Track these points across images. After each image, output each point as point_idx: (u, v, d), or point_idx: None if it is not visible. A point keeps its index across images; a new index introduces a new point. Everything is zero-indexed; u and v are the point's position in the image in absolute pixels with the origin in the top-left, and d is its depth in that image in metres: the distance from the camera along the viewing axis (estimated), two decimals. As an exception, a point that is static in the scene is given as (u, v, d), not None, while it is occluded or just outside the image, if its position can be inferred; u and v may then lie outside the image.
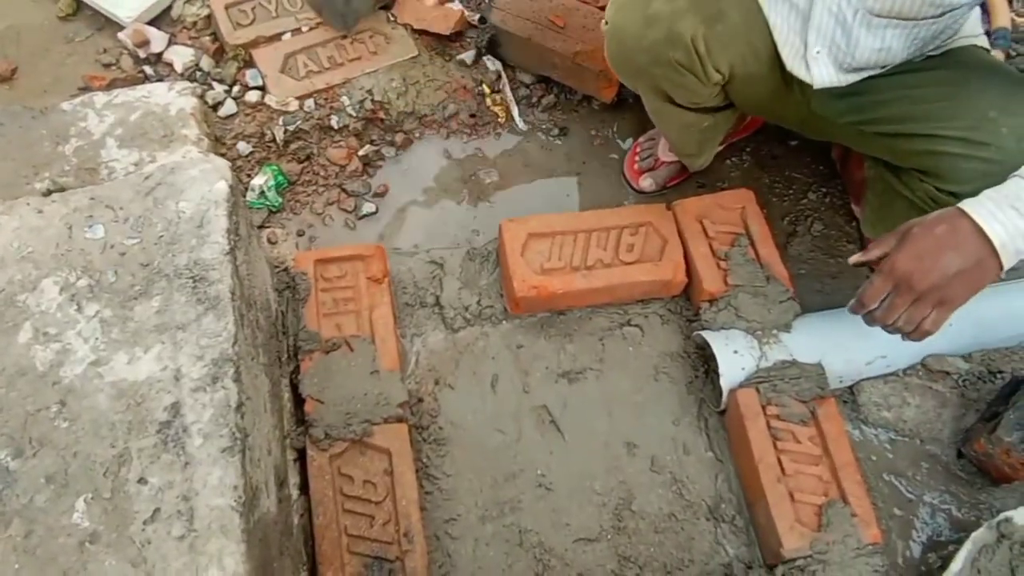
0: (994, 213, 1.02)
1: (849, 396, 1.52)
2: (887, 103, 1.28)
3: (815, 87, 1.29)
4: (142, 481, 0.95)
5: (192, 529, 0.93)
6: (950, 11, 1.16)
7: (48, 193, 1.22)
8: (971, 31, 1.30)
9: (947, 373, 1.51)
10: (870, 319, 1.14)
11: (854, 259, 1.23)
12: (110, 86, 1.77)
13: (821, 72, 1.27)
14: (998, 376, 1.51)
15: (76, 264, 1.10)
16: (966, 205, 1.04)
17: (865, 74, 1.28)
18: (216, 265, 1.11)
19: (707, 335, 1.47)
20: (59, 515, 0.93)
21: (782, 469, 1.35)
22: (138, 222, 1.14)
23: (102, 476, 0.96)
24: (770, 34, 1.30)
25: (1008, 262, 1.04)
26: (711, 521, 1.41)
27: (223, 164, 1.22)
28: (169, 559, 0.91)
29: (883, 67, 1.27)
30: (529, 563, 1.36)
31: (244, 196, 1.64)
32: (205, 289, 1.09)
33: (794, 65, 1.30)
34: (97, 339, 1.04)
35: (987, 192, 1.05)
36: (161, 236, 1.12)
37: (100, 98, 1.47)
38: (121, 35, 1.85)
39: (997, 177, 1.15)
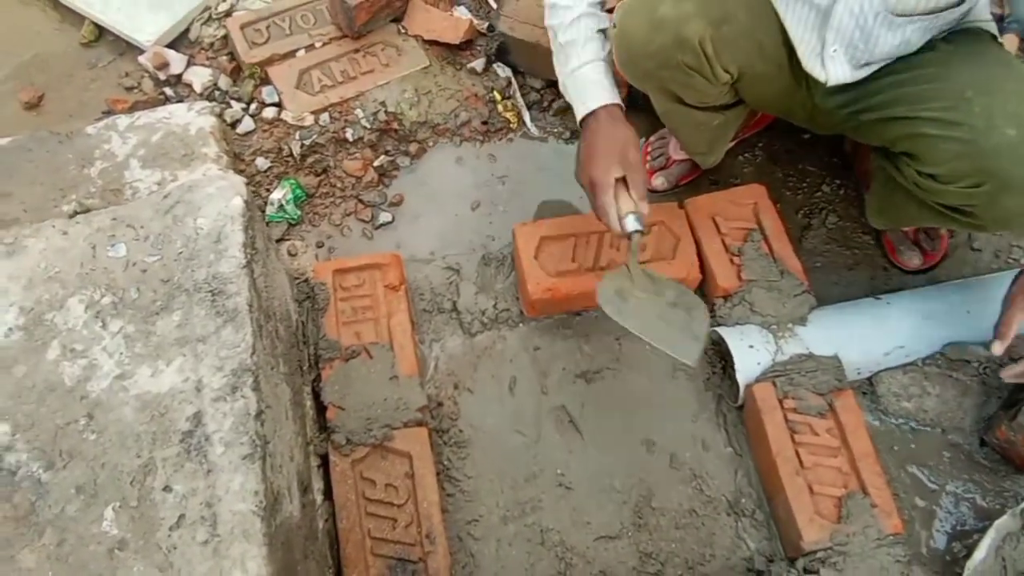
0: None
1: (868, 387, 1.51)
2: (879, 91, 1.29)
3: (828, 84, 1.29)
4: (167, 489, 0.98)
5: (216, 534, 0.95)
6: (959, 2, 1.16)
7: (74, 215, 1.26)
8: (977, 15, 1.29)
9: (967, 361, 1.49)
10: None
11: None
12: (132, 109, 1.82)
13: (836, 70, 1.27)
14: (1019, 363, 1.50)
15: (100, 282, 1.13)
16: None
17: (876, 67, 1.27)
18: (233, 279, 1.13)
19: (722, 331, 1.48)
20: (89, 523, 0.96)
21: (800, 462, 1.35)
22: (158, 239, 1.17)
23: (129, 485, 0.98)
24: (778, 32, 1.30)
25: None
26: (731, 516, 1.41)
27: (238, 180, 1.25)
28: (194, 563, 0.94)
29: (896, 58, 1.26)
30: (551, 562, 1.37)
31: (264, 211, 1.67)
32: (223, 302, 1.11)
33: (810, 63, 1.29)
34: (121, 354, 1.08)
35: None
36: (180, 252, 1.15)
37: (123, 121, 1.51)
38: (141, 59, 1.90)
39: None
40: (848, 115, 1.35)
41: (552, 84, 1.86)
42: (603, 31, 1.37)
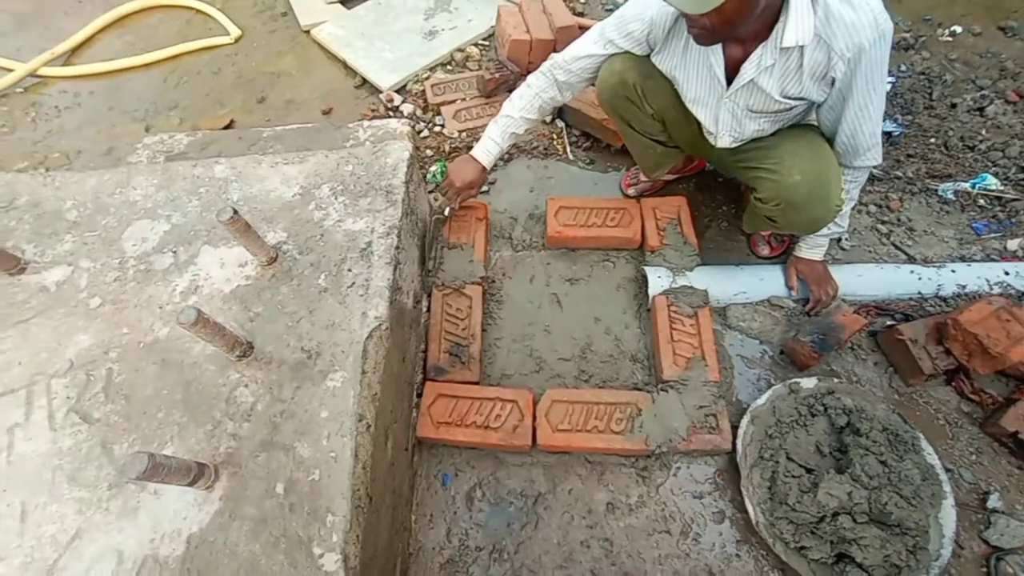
0: None
1: (722, 311, 1.54)
2: (748, 150, 1.31)
3: (717, 147, 1.33)
4: (349, 270, 1.15)
5: (368, 293, 1.12)
6: (790, 109, 1.17)
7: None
8: (807, 119, 1.28)
9: (780, 307, 1.51)
10: None
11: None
12: (372, 119, 2.00)
13: (722, 141, 1.30)
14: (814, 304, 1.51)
15: (337, 179, 1.31)
16: None
17: (745, 140, 1.30)
18: (398, 187, 1.29)
19: (647, 269, 1.54)
20: (313, 279, 1.14)
21: (672, 337, 1.41)
22: (367, 164, 1.34)
23: (333, 266, 1.16)
24: (684, 105, 1.31)
25: None
26: (632, 361, 1.47)
27: (409, 145, 1.40)
28: (355, 304, 1.11)
29: (760, 136, 1.29)
30: (532, 366, 1.47)
31: (425, 174, 1.84)
32: (391, 196, 1.27)
33: (708, 135, 1.33)
34: (340, 211, 1.25)
35: None
36: (375, 171, 1.32)
37: (366, 123, 1.69)
38: (381, 96, 2.09)
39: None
40: (732, 161, 1.37)
41: (584, 133, 1.93)
42: (515, 133, 1.42)
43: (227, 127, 2.08)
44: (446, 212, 1.47)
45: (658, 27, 1.18)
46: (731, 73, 1.15)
